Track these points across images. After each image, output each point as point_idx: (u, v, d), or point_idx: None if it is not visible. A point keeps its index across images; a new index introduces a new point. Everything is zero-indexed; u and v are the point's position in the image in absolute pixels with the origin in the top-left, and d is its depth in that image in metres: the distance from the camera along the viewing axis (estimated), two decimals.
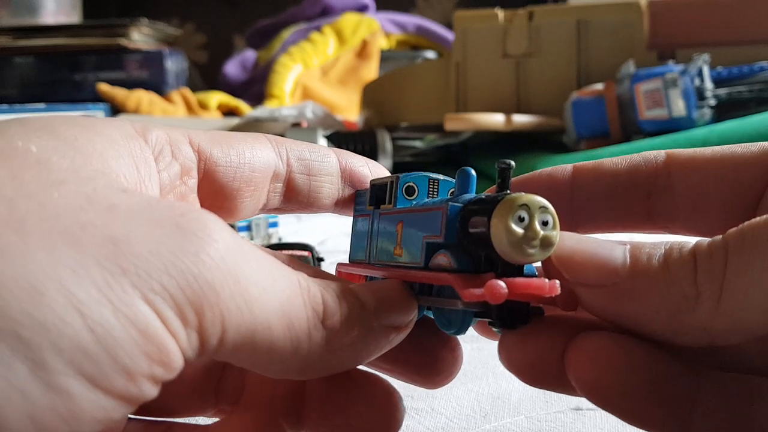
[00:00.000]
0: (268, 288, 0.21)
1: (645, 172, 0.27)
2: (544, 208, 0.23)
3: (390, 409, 0.27)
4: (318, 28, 1.56)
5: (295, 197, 0.29)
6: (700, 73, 0.91)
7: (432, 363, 0.28)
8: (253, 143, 0.28)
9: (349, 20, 1.57)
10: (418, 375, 0.28)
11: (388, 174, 0.30)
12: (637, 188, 0.27)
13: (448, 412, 0.35)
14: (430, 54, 1.46)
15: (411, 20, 1.58)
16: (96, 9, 1.82)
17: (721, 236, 0.21)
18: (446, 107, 1.13)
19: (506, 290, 0.22)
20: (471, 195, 0.26)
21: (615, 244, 0.23)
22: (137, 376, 0.18)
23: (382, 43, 1.55)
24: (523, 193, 0.23)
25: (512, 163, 0.24)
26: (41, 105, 1.41)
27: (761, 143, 0.26)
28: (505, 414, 0.35)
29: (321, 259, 0.57)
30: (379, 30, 1.54)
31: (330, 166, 0.30)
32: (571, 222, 0.28)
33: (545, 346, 0.24)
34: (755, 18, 1.05)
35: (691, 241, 0.22)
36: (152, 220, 0.20)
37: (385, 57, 1.48)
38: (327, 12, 1.62)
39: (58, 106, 1.38)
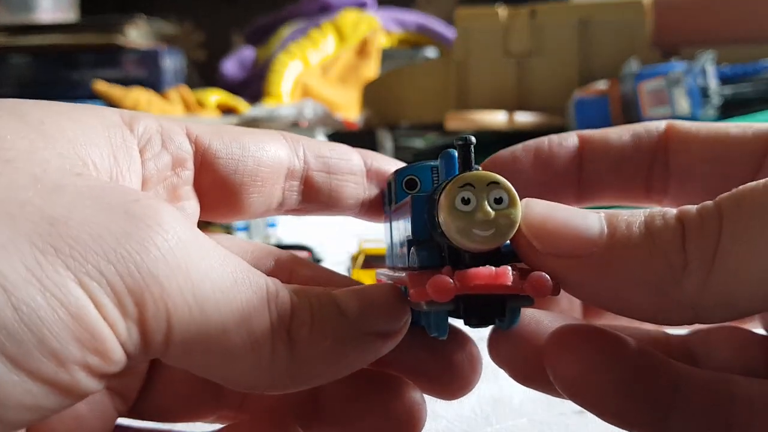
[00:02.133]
0: (225, 289, 0.20)
1: (647, 146, 0.26)
2: (494, 184, 0.20)
3: (412, 411, 0.26)
4: (317, 26, 1.55)
5: (315, 197, 0.28)
6: (704, 72, 0.91)
7: (447, 371, 0.26)
8: (261, 137, 0.27)
9: (348, 18, 1.57)
10: (433, 383, 0.26)
11: None
12: (641, 162, 0.27)
13: (449, 415, 0.35)
14: (431, 52, 1.46)
15: (412, 18, 1.58)
16: (93, 7, 1.82)
17: (711, 202, 0.20)
18: (447, 106, 1.13)
19: (452, 284, 0.20)
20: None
21: (588, 212, 0.21)
22: (68, 363, 0.17)
23: (382, 41, 1.55)
24: (469, 172, 0.21)
25: (471, 138, 0.22)
26: None
27: (758, 125, 0.25)
28: (506, 417, 0.35)
29: (319, 261, 0.57)
30: (379, 28, 1.54)
31: (353, 164, 0.28)
32: (577, 193, 0.27)
33: (531, 340, 0.23)
34: (759, 16, 1.05)
35: (672, 210, 0.21)
36: (100, 204, 0.19)
37: (386, 55, 1.48)
38: (326, 9, 1.61)
39: None
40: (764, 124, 0.25)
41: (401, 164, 0.29)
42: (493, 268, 0.20)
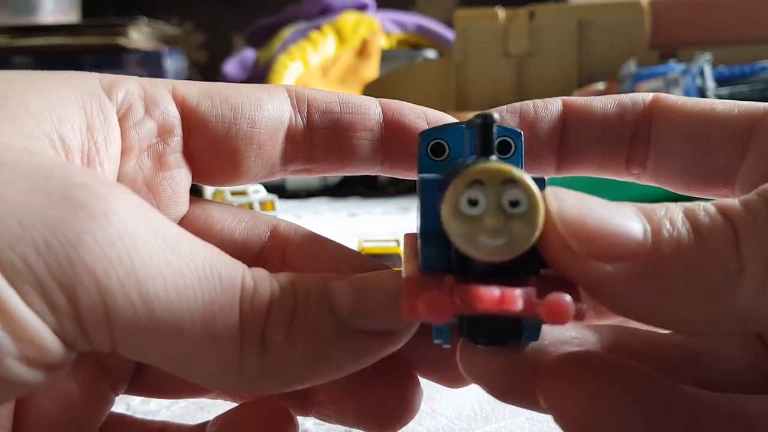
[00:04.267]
0: (183, 287, 0.18)
1: (632, 116, 0.25)
2: (509, 182, 0.16)
3: (407, 394, 0.24)
4: (318, 27, 1.55)
5: (322, 156, 0.25)
6: (701, 73, 0.90)
7: (452, 357, 0.23)
8: (259, 95, 0.25)
9: (348, 19, 1.56)
10: (434, 369, 0.25)
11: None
12: (624, 133, 0.25)
13: (448, 414, 0.35)
14: (431, 53, 1.46)
15: (411, 19, 1.58)
16: (95, 8, 1.82)
17: (754, 195, 0.18)
18: (447, 107, 1.13)
19: (449, 304, 0.16)
20: (469, 159, 0.19)
21: (623, 206, 0.18)
22: (1, 355, 0.16)
23: (382, 42, 1.54)
24: (480, 164, 0.17)
25: (494, 114, 0.18)
26: None
27: (745, 103, 0.24)
28: (505, 415, 0.34)
29: None
30: (379, 29, 1.54)
31: (368, 119, 0.25)
32: (557, 161, 0.25)
33: (512, 352, 0.20)
34: (757, 17, 1.05)
35: (708, 205, 0.18)
36: (39, 187, 0.17)
37: (386, 56, 1.48)
38: (327, 11, 1.61)
39: None
40: (751, 103, 0.24)
41: (432, 114, 0.26)
42: (497, 291, 0.16)
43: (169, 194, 0.24)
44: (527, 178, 0.17)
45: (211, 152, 0.24)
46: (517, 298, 0.17)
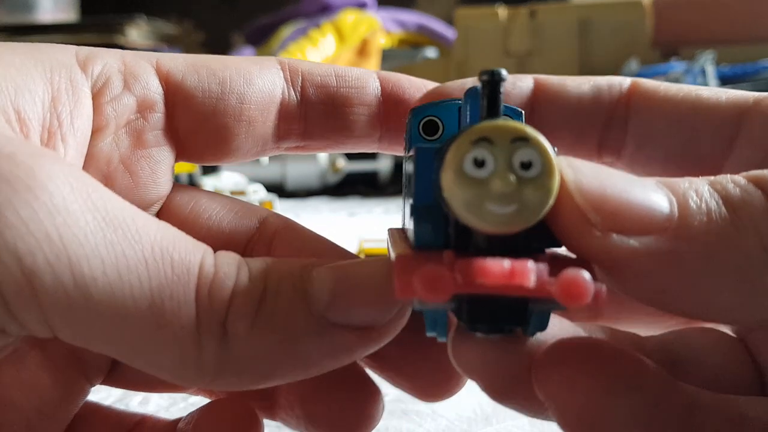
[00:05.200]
0: (124, 268, 0.16)
1: (607, 100, 0.24)
2: (521, 140, 0.15)
3: (369, 403, 0.23)
4: (317, 26, 1.55)
5: (318, 133, 0.24)
6: (703, 72, 0.90)
7: (430, 369, 0.22)
8: (249, 68, 0.23)
9: (348, 18, 1.56)
10: (409, 381, 0.23)
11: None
12: (597, 116, 0.24)
13: (449, 415, 0.35)
14: (431, 52, 1.46)
15: (412, 18, 1.58)
16: (93, 7, 1.82)
17: None
18: None
19: (450, 280, 0.14)
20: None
21: (642, 178, 0.16)
22: None
23: (382, 41, 1.54)
24: (491, 121, 0.15)
25: (502, 72, 0.16)
26: None
27: (733, 91, 0.23)
28: (506, 416, 0.34)
29: None
30: (379, 28, 1.54)
31: (365, 93, 0.24)
32: None
33: (511, 345, 0.18)
34: (759, 16, 1.05)
35: (737, 177, 0.17)
36: None
37: (386, 55, 1.48)
38: (326, 9, 1.61)
39: None
40: (739, 91, 0.23)
41: (432, 86, 0.24)
42: (507, 263, 0.14)
43: (147, 174, 0.23)
44: (542, 137, 0.15)
45: (197, 129, 0.23)
46: (529, 271, 0.15)
